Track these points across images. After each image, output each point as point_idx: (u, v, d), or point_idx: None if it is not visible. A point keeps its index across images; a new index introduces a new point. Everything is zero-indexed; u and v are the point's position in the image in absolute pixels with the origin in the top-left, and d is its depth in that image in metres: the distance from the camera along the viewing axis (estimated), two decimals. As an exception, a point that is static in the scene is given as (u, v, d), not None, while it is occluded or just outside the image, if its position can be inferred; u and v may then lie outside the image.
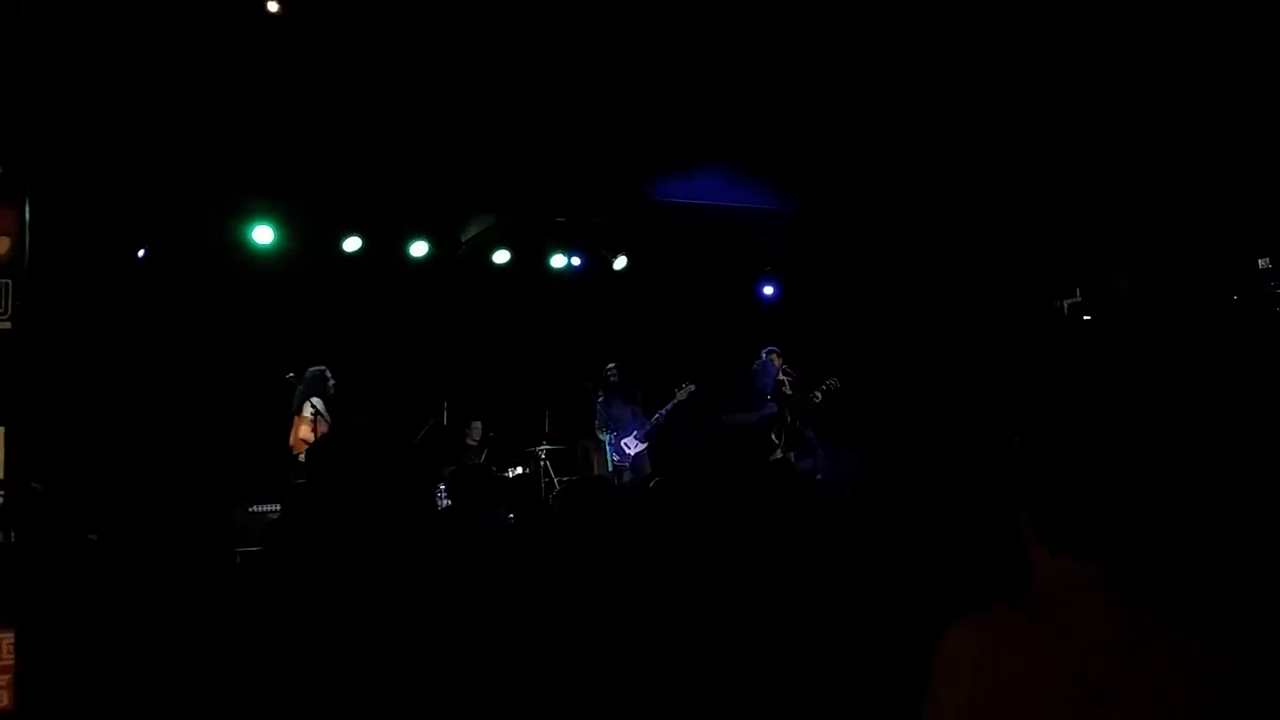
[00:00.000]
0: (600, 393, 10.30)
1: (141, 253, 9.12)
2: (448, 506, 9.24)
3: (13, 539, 3.23)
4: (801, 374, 9.75)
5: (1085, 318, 9.82)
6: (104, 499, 5.21)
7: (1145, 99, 8.23)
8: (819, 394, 9.53)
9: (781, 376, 9.58)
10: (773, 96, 8.73)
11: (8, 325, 3.39)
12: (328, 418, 8.51)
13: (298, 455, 8.49)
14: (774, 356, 9.62)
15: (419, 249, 10.33)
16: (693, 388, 10.03)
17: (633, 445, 10.11)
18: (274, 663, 3.33)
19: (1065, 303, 10.03)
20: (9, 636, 3.17)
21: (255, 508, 8.70)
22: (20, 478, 3.26)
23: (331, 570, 3.46)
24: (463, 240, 10.66)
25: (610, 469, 10.21)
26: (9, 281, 3.42)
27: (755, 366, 9.61)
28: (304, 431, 8.63)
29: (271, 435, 8.95)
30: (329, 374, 8.84)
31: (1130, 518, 2.13)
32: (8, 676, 3.14)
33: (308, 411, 8.61)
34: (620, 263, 11.18)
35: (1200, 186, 8.63)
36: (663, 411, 10.08)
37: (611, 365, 10.33)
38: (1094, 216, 9.27)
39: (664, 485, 4.56)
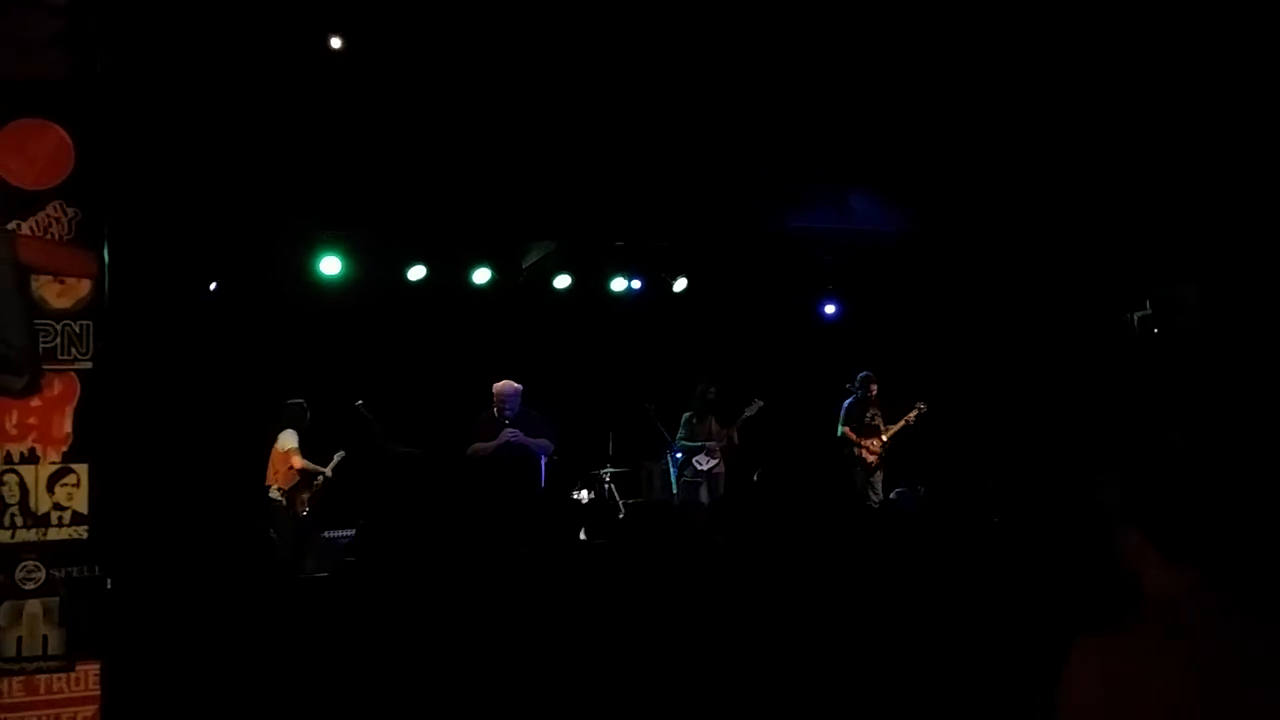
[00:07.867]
0: (691, 411, 10.40)
1: (212, 286, 9.35)
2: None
3: (99, 573, 3.32)
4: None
5: (1155, 330, 9.65)
6: (185, 529, 5.33)
7: (1217, 109, 8.08)
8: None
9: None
10: (832, 115, 8.69)
11: (89, 365, 3.49)
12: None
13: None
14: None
15: (481, 275, 10.48)
16: (761, 404, 10.17)
17: (705, 462, 10.21)
18: (355, 681, 3.39)
19: (1135, 315, 9.86)
20: (95, 668, 3.25)
21: (328, 534, 8.86)
22: (106, 514, 3.35)
23: (418, 591, 3.53)
24: (524, 266, 10.77)
25: (674, 490, 10.25)
26: (89, 322, 3.52)
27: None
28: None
29: (344, 463, 9.17)
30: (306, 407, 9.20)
31: (1250, 523, 2.11)
32: (94, 708, 3.23)
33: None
34: (680, 284, 11.23)
35: (1271, 197, 8.45)
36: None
37: (708, 385, 10.38)
38: (1163, 228, 9.11)
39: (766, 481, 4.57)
